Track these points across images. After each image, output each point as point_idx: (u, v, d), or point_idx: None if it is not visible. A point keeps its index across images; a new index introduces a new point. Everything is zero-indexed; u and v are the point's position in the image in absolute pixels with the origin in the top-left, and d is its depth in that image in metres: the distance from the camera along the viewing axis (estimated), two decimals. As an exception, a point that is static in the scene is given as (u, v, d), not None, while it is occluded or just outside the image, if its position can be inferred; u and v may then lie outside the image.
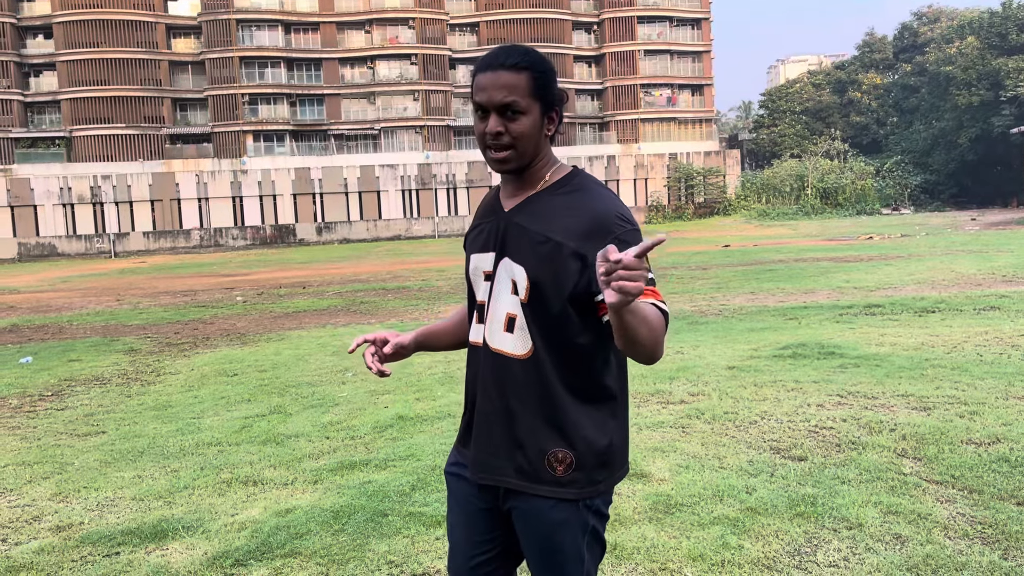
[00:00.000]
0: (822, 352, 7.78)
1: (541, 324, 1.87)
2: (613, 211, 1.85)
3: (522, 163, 1.91)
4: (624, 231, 1.82)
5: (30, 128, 57.56)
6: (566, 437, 1.88)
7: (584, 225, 1.83)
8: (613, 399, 1.94)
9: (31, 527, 4.20)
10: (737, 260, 21.53)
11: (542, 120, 1.89)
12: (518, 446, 1.90)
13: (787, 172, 58.69)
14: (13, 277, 32.20)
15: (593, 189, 1.92)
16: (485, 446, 1.96)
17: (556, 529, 1.90)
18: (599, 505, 1.95)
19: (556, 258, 1.84)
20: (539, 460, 1.89)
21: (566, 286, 1.84)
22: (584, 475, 1.88)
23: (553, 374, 1.88)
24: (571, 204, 1.88)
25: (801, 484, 4.26)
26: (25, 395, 7.89)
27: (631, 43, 63.60)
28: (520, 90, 1.85)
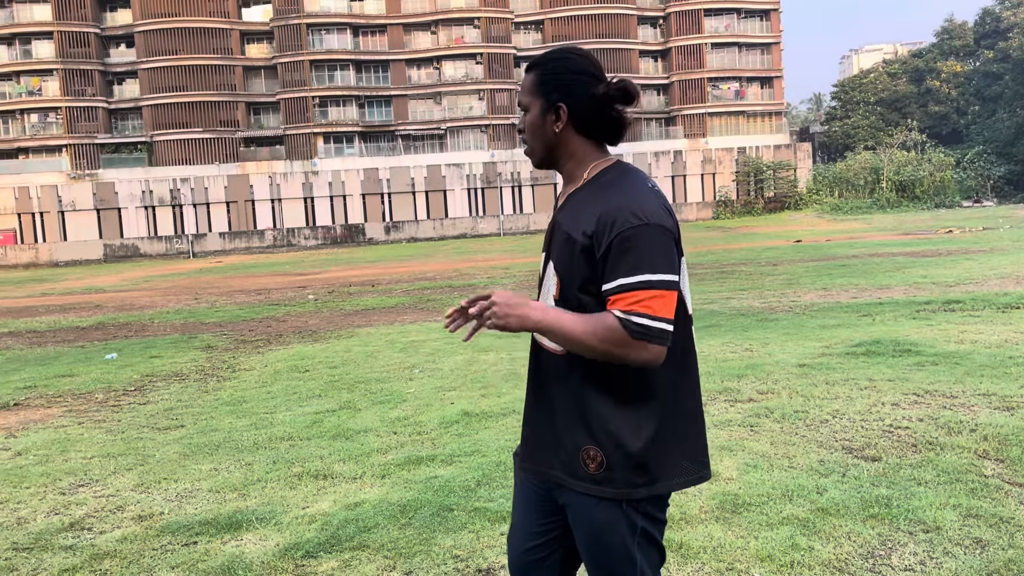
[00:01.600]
0: (898, 349, 7.54)
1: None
2: (627, 205, 1.82)
3: (538, 158, 2.01)
4: (629, 227, 1.79)
5: (114, 134, 59.96)
6: (595, 435, 1.88)
7: (595, 219, 1.84)
8: (653, 400, 1.89)
9: (115, 516, 4.38)
10: (808, 255, 21.03)
11: (543, 116, 1.94)
12: (559, 440, 1.95)
13: (861, 165, 57.00)
14: (99, 277, 33.61)
15: (620, 183, 1.90)
16: (533, 437, 2.03)
17: (602, 530, 1.90)
18: (648, 509, 1.92)
19: (573, 253, 1.87)
20: (575, 456, 1.91)
21: (576, 282, 1.88)
22: (618, 476, 1.86)
23: (583, 371, 1.89)
24: (594, 199, 1.89)
25: (875, 485, 4.15)
26: (110, 390, 8.23)
27: (698, 36, 62.67)
28: (525, 89, 1.97)
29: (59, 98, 57.91)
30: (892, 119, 71.64)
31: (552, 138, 1.96)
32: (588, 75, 1.93)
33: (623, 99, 1.92)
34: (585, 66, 1.94)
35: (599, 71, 1.95)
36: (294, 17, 59.27)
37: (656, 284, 1.78)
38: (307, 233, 53.02)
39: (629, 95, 1.91)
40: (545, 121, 1.95)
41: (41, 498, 4.77)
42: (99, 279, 32.13)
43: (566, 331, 1.81)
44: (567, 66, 1.94)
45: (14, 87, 58.65)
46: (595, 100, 1.92)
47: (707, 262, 20.89)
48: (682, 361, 1.93)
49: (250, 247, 52.26)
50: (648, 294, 1.78)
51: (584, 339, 1.79)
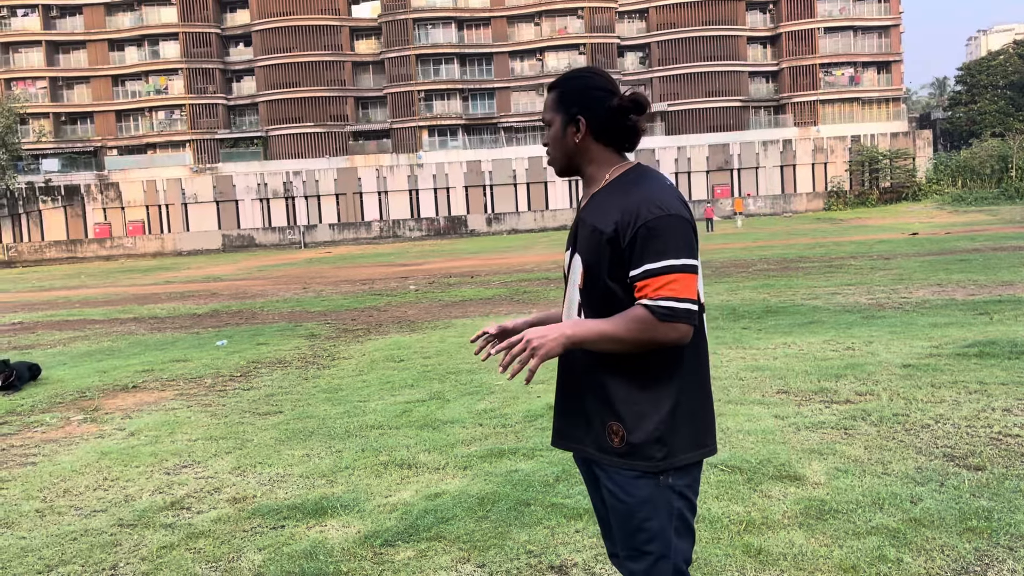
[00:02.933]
0: (1015, 351, 7.08)
1: (594, 309, 2.10)
2: (648, 198, 2.01)
3: (560, 166, 2.22)
4: (652, 217, 1.98)
5: (232, 129, 62.86)
6: (617, 411, 2.06)
7: (619, 212, 2.03)
8: (668, 377, 2.05)
9: (212, 497, 4.62)
10: (925, 249, 19.98)
11: (564, 128, 2.16)
12: (587, 418, 2.13)
13: (988, 153, 53.57)
14: (218, 266, 35.37)
15: (640, 181, 2.09)
16: (565, 417, 2.22)
17: (638, 505, 2.05)
18: (682, 488, 2.07)
19: (599, 246, 2.06)
20: (602, 431, 2.09)
21: (604, 269, 2.06)
22: (638, 449, 2.03)
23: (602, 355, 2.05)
24: (617, 196, 2.08)
25: (975, 496, 3.92)
26: (218, 375, 8.66)
27: (810, 21, 60.34)
28: (547, 107, 2.21)
29: (183, 96, 61.13)
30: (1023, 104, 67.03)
31: (573, 147, 2.18)
32: (604, 90, 2.14)
33: (636, 109, 2.12)
34: (601, 83, 2.16)
35: (614, 87, 2.16)
36: (401, 12, 60.48)
37: (679, 268, 1.97)
38: (411, 224, 54.16)
39: (641, 106, 2.12)
40: (566, 133, 2.16)
41: (148, 477, 5.08)
42: (217, 268, 33.80)
43: (601, 334, 1.99)
44: (585, 83, 2.16)
45: (143, 86, 62.32)
46: (611, 112, 2.13)
47: (814, 255, 20.15)
48: (694, 345, 2.09)
49: (358, 238, 53.81)
50: (672, 278, 1.96)
51: (619, 335, 1.97)
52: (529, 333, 1.98)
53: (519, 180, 54.53)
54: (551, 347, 1.96)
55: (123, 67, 62.08)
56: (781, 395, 6.16)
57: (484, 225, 53.98)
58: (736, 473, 4.42)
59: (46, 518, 4.45)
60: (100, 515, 4.43)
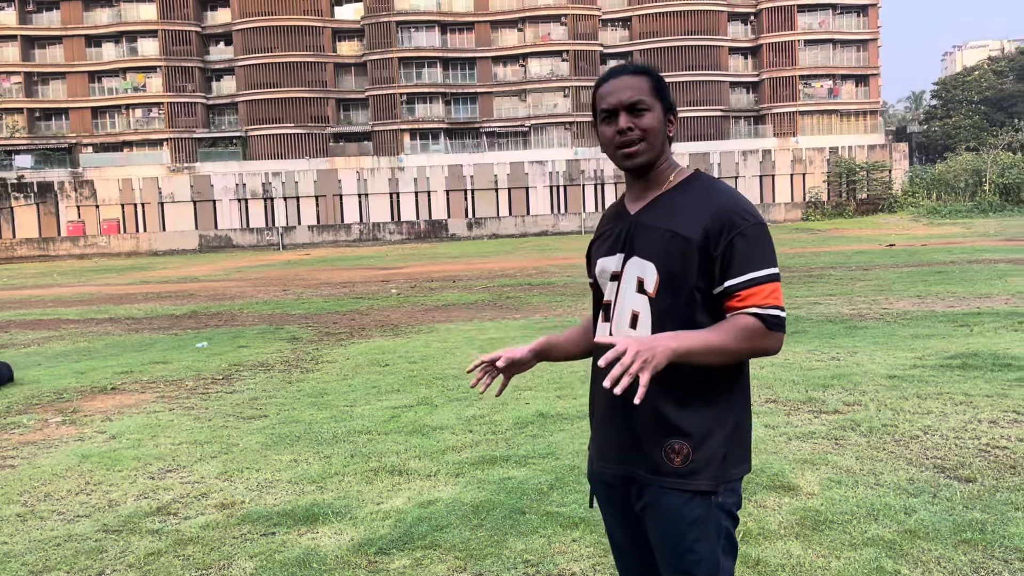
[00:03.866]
0: (997, 363, 7.16)
1: (665, 318, 1.98)
2: (735, 206, 1.97)
3: (651, 157, 2.04)
4: (747, 225, 1.95)
5: (211, 129, 62.32)
6: (681, 429, 1.96)
7: (708, 220, 1.95)
8: (729, 393, 2.00)
9: (199, 503, 4.54)
10: (902, 261, 20.20)
11: (664, 119, 2.05)
12: (639, 438, 2.01)
13: (962, 167, 54.32)
14: (194, 267, 34.99)
15: (717, 187, 2.04)
16: (611, 438, 2.08)
17: (689, 527, 1.97)
18: (730, 506, 2.01)
19: (685, 253, 1.96)
20: (658, 452, 1.98)
21: (691, 279, 1.96)
22: (700, 467, 1.96)
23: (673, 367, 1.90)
24: (696, 201, 2.00)
25: (968, 508, 3.94)
26: (199, 378, 8.54)
27: (790, 33, 60.93)
28: (644, 90, 2.03)
29: (162, 94, 60.50)
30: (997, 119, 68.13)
31: (664, 142, 2.07)
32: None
33: None
34: None
35: None
36: (384, 15, 60.31)
37: (776, 276, 1.97)
38: (392, 228, 53.94)
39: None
40: (665, 125, 2.06)
41: (132, 482, 4.98)
42: (194, 268, 33.45)
43: (709, 345, 1.89)
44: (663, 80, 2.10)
45: (121, 83, 61.60)
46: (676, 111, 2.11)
47: (795, 265, 20.30)
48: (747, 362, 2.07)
49: (337, 240, 53.50)
50: (775, 286, 1.95)
51: (727, 346, 1.90)
52: (631, 344, 1.80)
53: (500, 185, 54.49)
54: (660, 360, 1.80)
55: (100, 63, 61.34)
56: (770, 404, 6.18)
57: (465, 230, 53.88)
58: (730, 483, 4.41)
59: (28, 523, 4.34)
60: (84, 520, 4.34)
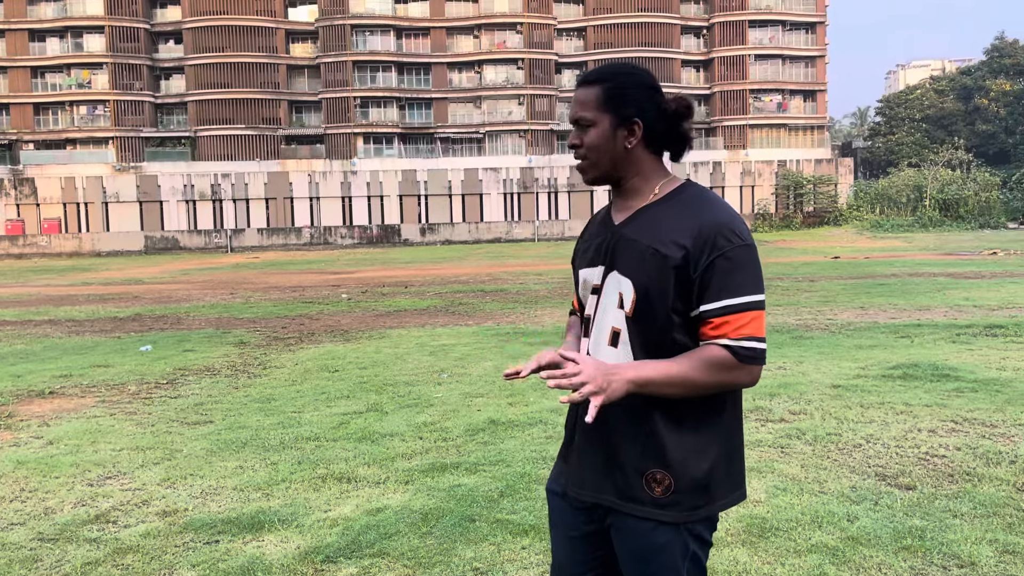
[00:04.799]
0: (936, 374, 7.36)
1: (644, 339, 1.86)
2: (722, 224, 1.81)
3: (599, 173, 1.93)
4: (731, 247, 1.79)
5: (159, 128, 61.05)
6: (664, 458, 1.85)
7: (689, 236, 1.81)
8: (718, 424, 1.88)
9: (140, 511, 4.42)
10: (847, 273, 20.69)
11: (613, 132, 1.89)
12: (617, 465, 1.89)
13: (904, 182, 56.03)
14: (139, 268, 34.19)
15: (705, 201, 1.88)
16: (585, 463, 1.97)
17: (656, 552, 1.87)
18: (701, 531, 1.91)
19: (662, 271, 1.82)
20: (637, 480, 1.87)
21: (669, 300, 1.83)
22: (683, 498, 1.85)
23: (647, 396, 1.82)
24: (679, 215, 1.85)
25: (908, 515, 4.04)
26: (143, 382, 8.33)
27: (741, 48, 62.13)
28: (588, 104, 1.90)
29: (108, 91, 59.10)
30: (938, 136, 70.39)
31: (622, 154, 1.91)
32: (657, 91, 1.91)
33: (688, 115, 1.93)
34: (652, 82, 1.92)
35: (660, 87, 1.94)
36: (339, 18, 59.87)
37: (757, 304, 1.80)
38: (344, 232, 53.47)
39: (691, 111, 1.94)
40: (616, 137, 1.90)
41: (69, 489, 4.83)
42: (139, 270, 32.68)
43: (670, 378, 1.78)
44: (636, 81, 1.91)
45: (65, 79, 60.00)
46: (666, 116, 1.91)
47: (743, 276, 20.63)
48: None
49: (287, 244, 52.83)
50: (753, 315, 1.79)
51: (692, 378, 1.78)
52: (588, 369, 1.72)
53: (454, 191, 54.46)
54: (613, 391, 1.72)
55: (43, 58, 59.68)
56: (718, 413, 6.25)
57: (418, 235, 53.68)
58: (678, 490, 4.45)
59: (-43, 531, 4.18)
60: (18, 528, 4.19)
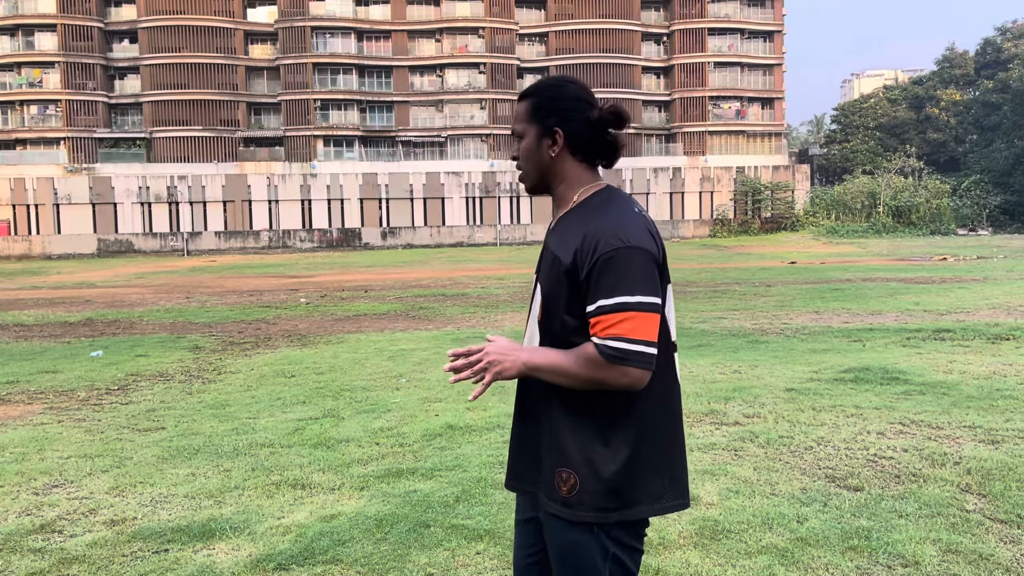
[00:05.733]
0: (886, 377, 7.52)
1: (550, 342, 1.95)
2: (610, 227, 1.86)
3: (532, 182, 2.06)
4: (610, 250, 1.83)
5: (113, 129, 59.85)
6: (569, 458, 1.90)
7: (579, 241, 1.88)
8: (628, 427, 1.90)
9: (87, 520, 4.32)
10: (802, 278, 21.05)
11: (539, 141, 2.00)
12: (539, 460, 2.00)
13: (858, 189, 57.19)
14: (91, 272, 33.47)
15: (606, 206, 1.94)
16: (518, 457, 2.09)
17: (572, 550, 1.91)
18: (620, 535, 1.91)
19: (559, 274, 1.91)
20: (551, 477, 1.94)
21: (562, 303, 1.91)
22: (588, 499, 1.88)
23: (558, 395, 1.92)
24: (580, 222, 1.93)
25: (856, 516, 4.12)
26: (93, 388, 8.16)
27: (701, 55, 62.90)
28: (520, 117, 2.03)
29: (60, 91, 57.81)
30: (891, 144, 71.96)
31: (547, 162, 2.01)
32: (582, 101, 1.99)
33: (616, 123, 1.99)
34: (579, 93, 2.00)
35: (592, 98, 2.00)
36: (299, 20, 59.34)
37: (633, 306, 1.81)
38: (303, 235, 52.95)
39: (621, 118, 1.99)
40: (541, 146, 2.00)
41: (14, 498, 4.71)
42: (91, 274, 31.99)
43: (554, 366, 1.87)
44: (562, 93, 2.00)
45: (15, 78, 58.55)
46: (590, 124, 1.98)
47: (701, 280, 20.89)
48: (660, 389, 1.93)
49: (245, 247, 52.14)
50: (624, 316, 1.81)
51: (570, 370, 1.85)
52: (490, 349, 1.90)
53: (416, 195, 54.25)
54: (507, 368, 1.87)
55: (-7, 56, 58.24)
56: (674, 416, 6.31)
57: (379, 239, 53.35)
58: (633, 494, 4.49)
59: None
60: (-42, 540, 4.07)
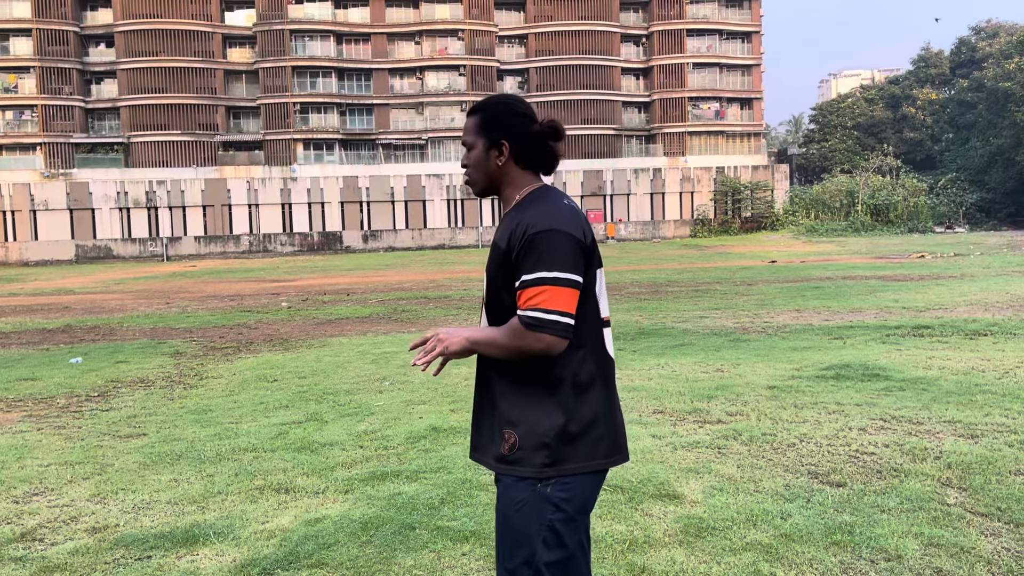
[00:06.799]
0: (866, 374, 7.59)
1: (489, 319, 2.24)
2: (539, 215, 2.14)
3: (480, 188, 2.33)
4: (535, 232, 2.09)
5: (90, 134, 59.30)
6: (510, 419, 2.16)
7: (516, 228, 2.15)
8: (560, 392, 2.14)
9: (68, 528, 4.28)
10: (783, 276, 21.19)
11: (487, 152, 2.28)
12: (486, 428, 2.25)
13: (837, 188, 57.66)
14: (70, 278, 33.12)
15: (540, 200, 2.21)
16: (475, 429, 2.31)
17: (515, 509, 2.13)
18: (559, 500, 2.12)
19: (498, 258, 2.19)
20: (497, 439, 2.19)
21: (500, 283, 2.18)
22: (527, 455, 2.12)
23: (502, 367, 2.19)
24: (518, 214, 2.20)
25: (839, 511, 4.15)
26: (72, 395, 8.07)
27: (680, 56, 63.24)
28: (469, 130, 2.30)
29: (35, 96, 57.21)
30: (868, 144, 72.64)
31: (495, 170, 2.29)
32: (525, 117, 2.27)
33: (554, 136, 2.27)
34: (523, 109, 2.29)
35: (533, 114, 2.30)
36: (278, 23, 59.06)
37: (551, 281, 2.07)
38: (284, 239, 52.67)
39: (558, 133, 2.27)
40: (489, 156, 2.27)
41: (-7, 507, 4.65)
42: (69, 280, 31.66)
43: (488, 339, 2.14)
44: (508, 109, 2.28)
45: (-10, 83, 57.89)
46: (532, 137, 2.26)
47: (682, 280, 20.99)
48: (592, 359, 2.19)
49: (225, 252, 51.80)
50: (542, 289, 2.07)
51: (498, 341, 2.12)
52: (440, 332, 2.15)
53: (397, 198, 54.11)
54: (453, 344, 2.12)
55: (-33, 62, 57.52)
56: (657, 415, 6.34)
57: (360, 242, 53.19)
58: (618, 492, 4.50)
59: None
60: (-64, 550, 4.01)
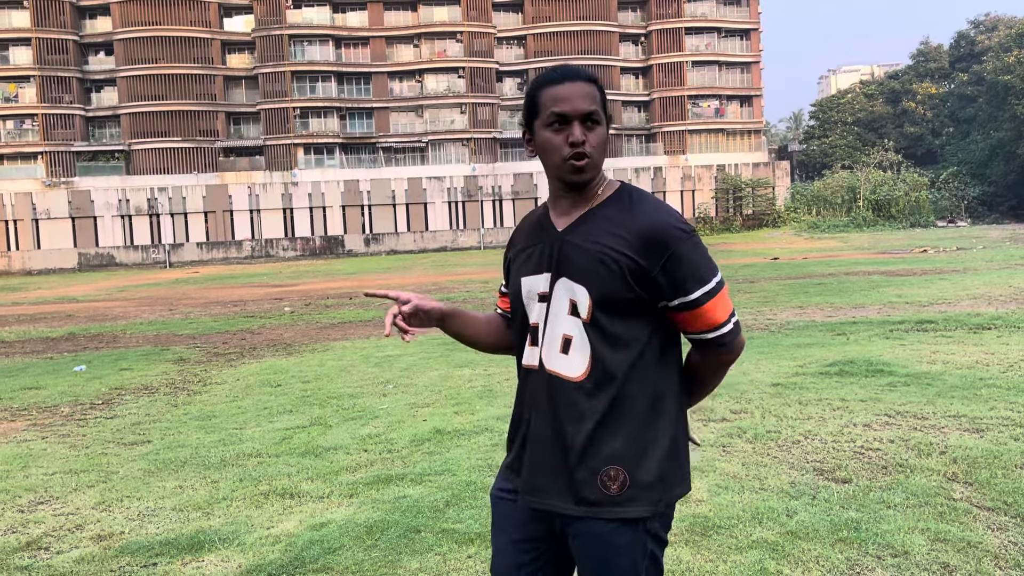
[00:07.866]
0: (871, 369, 7.57)
1: (602, 343, 1.86)
2: (669, 221, 1.85)
3: (595, 174, 1.91)
4: (682, 241, 1.83)
5: (91, 142, 59.37)
6: (618, 455, 1.85)
7: (641, 237, 1.83)
8: (669, 414, 1.92)
9: (73, 536, 4.28)
10: (785, 273, 21.17)
11: (607, 133, 1.93)
12: (571, 469, 1.87)
13: (838, 183, 57.62)
14: (73, 287, 33.17)
15: (646, 201, 1.91)
16: (538, 470, 1.93)
17: (616, 553, 1.86)
18: (658, 529, 1.91)
19: (617, 273, 1.83)
20: (592, 481, 1.86)
21: (627, 300, 1.85)
22: (639, 492, 1.85)
23: (608, 392, 1.86)
24: (627, 218, 1.87)
25: (844, 508, 4.14)
26: (77, 403, 8.08)
27: (679, 54, 63.19)
28: (597, 101, 1.88)
29: (36, 105, 57.28)
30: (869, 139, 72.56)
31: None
32: None
33: None
34: None
35: None
36: (276, 28, 59.11)
37: (720, 285, 1.89)
38: (285, 244, 52.74)
39: None
40: (608, 139, 1.94)
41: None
42: (72, 288, 31.71)
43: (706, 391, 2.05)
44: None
45: (-10, 93, 58.02)
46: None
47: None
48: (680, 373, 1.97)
49: (228, 258, 51.86)
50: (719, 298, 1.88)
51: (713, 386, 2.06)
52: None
53: (398, 201, 54.16)
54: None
55: (-33, 72, 57.63)
56: (661, 414, 6.33)
57: (362, 246, 53.23)
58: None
59: None
60: (-58, 560, 4.02)
